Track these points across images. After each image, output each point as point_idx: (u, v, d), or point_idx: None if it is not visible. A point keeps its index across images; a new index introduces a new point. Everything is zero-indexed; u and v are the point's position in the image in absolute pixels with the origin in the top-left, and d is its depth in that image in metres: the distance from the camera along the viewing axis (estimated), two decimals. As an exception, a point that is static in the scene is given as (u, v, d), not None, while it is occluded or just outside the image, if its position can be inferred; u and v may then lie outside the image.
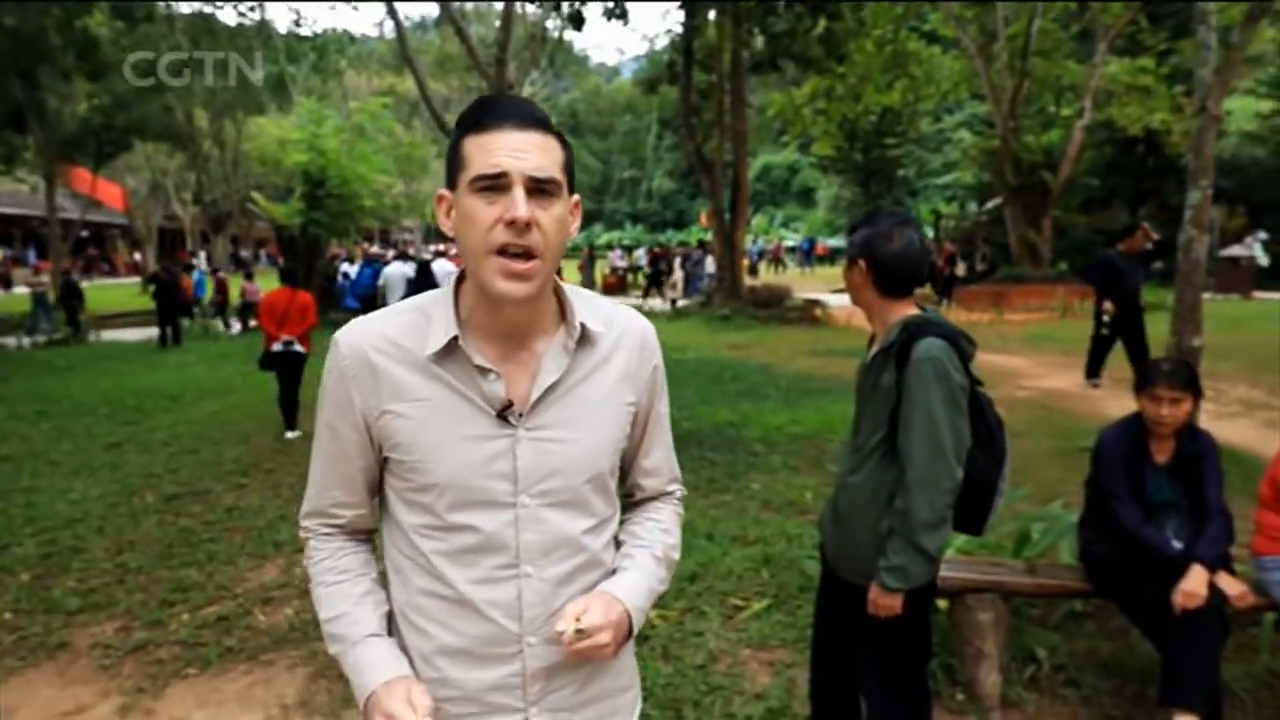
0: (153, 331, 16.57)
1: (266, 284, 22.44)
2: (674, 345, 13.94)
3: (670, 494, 1.48)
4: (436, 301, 1.28)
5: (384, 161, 21.91)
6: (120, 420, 8.87)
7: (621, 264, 31.55)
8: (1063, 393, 9.04)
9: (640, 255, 33.51)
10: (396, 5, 17.93)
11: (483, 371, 1.23)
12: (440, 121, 17.25)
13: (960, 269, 22.62)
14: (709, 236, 30.84)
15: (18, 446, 7.75)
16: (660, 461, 1.44)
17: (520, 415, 1.24)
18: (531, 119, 1.19)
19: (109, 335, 18.69)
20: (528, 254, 1.17)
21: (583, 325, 1.28)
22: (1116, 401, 8.48)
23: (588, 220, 65.61)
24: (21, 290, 22.85)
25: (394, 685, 1.19)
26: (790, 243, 44.05)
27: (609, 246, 42.43)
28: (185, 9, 23.39)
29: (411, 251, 21.19)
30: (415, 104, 32.27)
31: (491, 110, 1.20)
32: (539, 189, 1.17)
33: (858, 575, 2.29)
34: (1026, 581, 3.21)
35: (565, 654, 1.22)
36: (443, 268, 12.26)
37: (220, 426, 8.36)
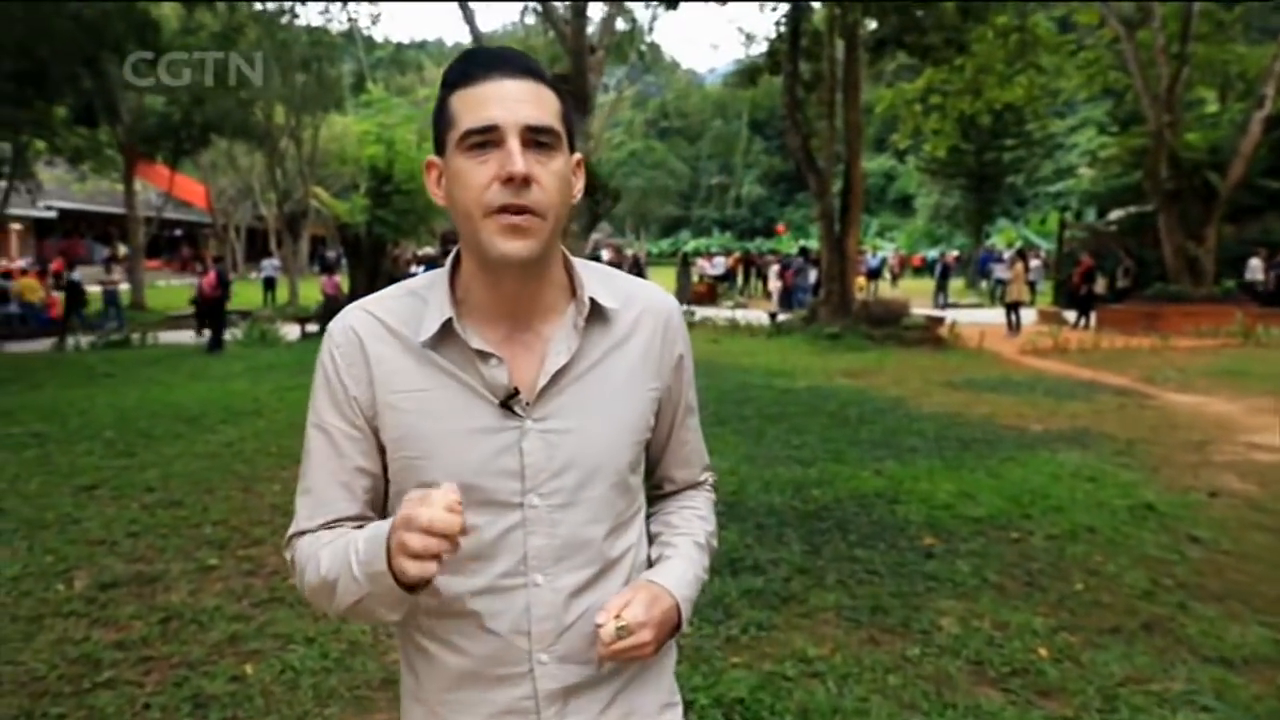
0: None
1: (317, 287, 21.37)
2: (778, 370, 11.84)
3: (703, 483, 1.30)
4: (432, 284, 1.12)
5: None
6: (118, 449, 7.38)
7: (713, 271, 29.46)
8: (1326, 458, 6.64)
9: (720, 263, 31.31)
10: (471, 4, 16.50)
11: (483, 356, 1.06)
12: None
13: (1100, 285, 19.79)
14: (811, 244, 28.63)
15: (-21, 484, 6.30)
16: (692, 453, 1.27)
17: (527, 405, 1.06)
18: (524, 68, 1.04)
19: (170, 337, 17.72)
20: (528, 213, 1.01)
21: (593, 300, 1.10)
22: None
23: (675, 226, 64.49)
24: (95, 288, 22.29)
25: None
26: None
27: (698, 253, 40.41)
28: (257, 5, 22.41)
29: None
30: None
31: (478, 60, 1.05)
32: (536, 141, 1.01)
33: None
34: None
35: (602, 654, 1.02)
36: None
37: (225, 466, 6.75)
